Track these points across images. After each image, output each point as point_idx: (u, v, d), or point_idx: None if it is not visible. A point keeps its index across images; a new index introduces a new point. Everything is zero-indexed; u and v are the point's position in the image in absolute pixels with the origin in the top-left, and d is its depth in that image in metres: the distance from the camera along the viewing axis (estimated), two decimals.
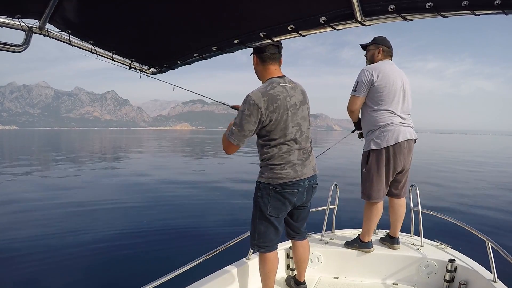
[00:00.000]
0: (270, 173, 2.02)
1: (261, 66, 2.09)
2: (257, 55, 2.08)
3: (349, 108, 2.73)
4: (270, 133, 1.99)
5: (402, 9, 0.93)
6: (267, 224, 2.11)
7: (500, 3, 0.79)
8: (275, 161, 2.01)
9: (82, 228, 6.56)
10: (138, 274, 4.46)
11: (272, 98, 1.95)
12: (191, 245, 5.65)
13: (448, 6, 0.88)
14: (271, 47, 2.04)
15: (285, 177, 2.02)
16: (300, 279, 2.52)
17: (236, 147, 2.03)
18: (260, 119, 1.95)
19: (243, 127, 1.94)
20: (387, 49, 2.73)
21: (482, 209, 8.60)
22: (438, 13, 0.89)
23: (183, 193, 10.41)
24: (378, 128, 2.59)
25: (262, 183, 2.06)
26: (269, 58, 2.06)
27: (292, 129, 2.03)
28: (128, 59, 1.64)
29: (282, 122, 1.99)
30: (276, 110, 1.96)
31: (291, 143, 2.03)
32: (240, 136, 1.97)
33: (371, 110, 2.63)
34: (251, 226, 2.19)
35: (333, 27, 1.11)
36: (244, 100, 1.96)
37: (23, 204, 8.77)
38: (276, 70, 2.10)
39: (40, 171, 16.14)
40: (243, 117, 1.94)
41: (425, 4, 0.88)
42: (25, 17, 1.23)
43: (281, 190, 2.03)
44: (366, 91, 2.61)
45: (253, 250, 2.32)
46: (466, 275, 2.42)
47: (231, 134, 1.98)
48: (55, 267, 4.71)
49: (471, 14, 0.86)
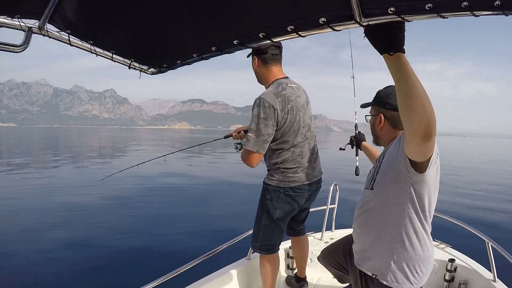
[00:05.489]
0: (282, 176, 1.98)
1: (264, 67, 2.02)
2: (259, 57, 2.00)
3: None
4: (284, 135, 1.93)
5: (402, 10, 0.92)
6: (273, 226, 2.06)
7: (500, 4, 0.79)
8: (288, 164, 1.97)
9: (82, 228, 6.56)
10: (138, 274, 4.46)
11: (286, 99, 1.90)
12: (191, 245, 5.65)
13: (448, 7, 0.87)
14: (272, 48, 1.98)
15: (297, 181, 1.98)
16: (302, 275, 2.52)
17: (258, 156, 1.87)
18: (277, 121, 1.87)
19: (261, 131, 1.83)
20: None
21: (482, 209, 8.64)
22: (438, 14, 0.89)
23: (182, 193, 10.42)
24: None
25: (272, 185, 2.01)
26: (271, 59, 2.00)
27: (303, 130, 2.00)
28: (127, 59, 1.64)
29: (295, 123, 1.95)
30: (290, 111, 1.91)
31: (303, 144, 2.00)
32: (260, 142, 1.84)
33: None
34: (255, 228, 2.14)
35: (333, 28, 1.11)
36: (257, 104, 1.86)
37: (19, 202, 8.75)
38: (279, 72, 2.05)
39: (36, 169, 16.11)
40: (260, 121, 1.83)
41: (425, 6, 0.87)
42: (24, 17, 1.23)
43: (291, 193, 2.00)
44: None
45: (254, 251, 2.31)
46: (466, 274, 2.42)
47: (247, 142, 1.85)
48: (55, 268, 4.71)
49: (470, 15, 0.86)
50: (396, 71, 1.00)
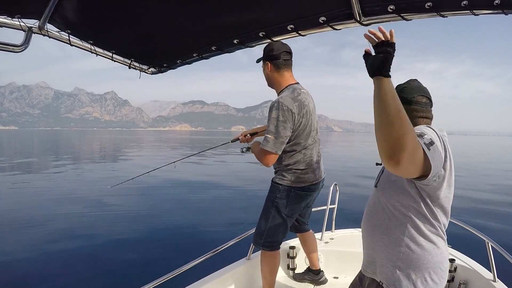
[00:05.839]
0: (294, 177, 2.09)
1: (277, 73, 2.11)
2: (272, 62, 2.09)
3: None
4: (297, 138, 2.04)
5: (402, 9, 0.93)
6: (280, 223, 2.16)
7: (499, 3, 0.79)
8: (300, 165, 2.09)
9: (82, 229, 6.57)
10: (138, 274, 4.47)
11: (301, 104, 2.02)
12: (191, 245, 5.66)
13: (448, 6, 0.87)
14: (285, 54, 2.07)
15: (307, 181, 2.11)
16: (316, 267, 2.61)
17: (275, 156, 2.01)
18: (294, 124, 1.98)
19: (280, 133, 1.95)
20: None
21: (482, 209, 8.62)
22: (438, 13, 0.89)
23: (182, 194, 10.41)
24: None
25: (283, 185, 2.11)
26: (284, 65, 2.09)
27: (313, 133, 2.14)
28: (127, 59, 1.64)
29: (308, 127, 2.08)
30: (305, 115, 2.04)
31: (312, 146, 2.13)
32: (278, 144, 1.96)
33: None
34: (261, 225, 2.22)
35: (333, 27, 1.11)
36: (276, 107, 1.96)
37: (28, 207, 8.77)
38: (291, 77, 2.15)
39: (41, 174, 16.13)
40: (279, 124, 1.94)
41: (425, 4, 0.87)
42: (24, 17, 1.23)
43: (302, 192, 2.13)
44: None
45: (256, 247, 2.34)
46: (466, 274, 2.42)
47: (266, 143, 1.96)
48: (55, 268, 4.72)
49: (470, 14, 0.86)
50: (375, 90, 1.03)
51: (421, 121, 1.39)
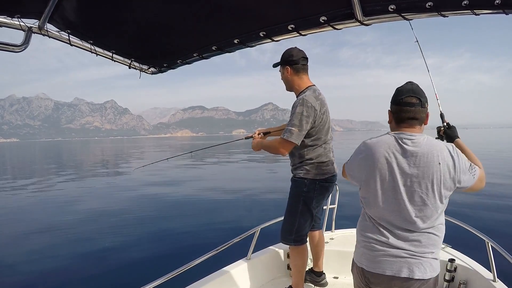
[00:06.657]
0: (317, 170, 2.27)
1: (296, 76, 2.32)
2: (291, 67, 2.30)
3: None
4: (318, 133, 2.24)
5: (402, 9, 0.94)
6: (308, 216, 2.33)
7: (500, 3, 0.80)
8: (321, 158, 2.28)
9: (83, 230, 6.58)
10: (138, 274, 4.48)
11: (322, 103, 2.24)
12: (191, 245, 5.67)
13: (448, 5, 0.88)
14: (302, 59, 2.30)
15: (329, 172, 2.32)
16: (320, 269, 2.64)
17: (292, 146, 2.19)
18: (314, 120, 2.18)
19: (303, 127, 2.14)
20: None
21: (482, 209, 8.57)
22: (438, 13, 0.90)
23: (182, 195, 10.42)
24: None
25: (308, 179, 2.27)
26: (302, 69, 2.32)
27: (329, 130, 2.35)
28: (128, 58, 1.65)
29: (327, 124, 2.30)
30: (325, 113, 2.26)
31: (329, 141, 2.35)
32: (300, 136, 2.16)
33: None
34: (289, 221, 2.34)
35: (333, 27, 1.12)
36: (300, 103, 2.15)
37: (27, 215, 8.79)
38: (309, 80, 2.36)
39: (41, 182, 16.15)
40: (303, 118, 2.13)
41: (425, 4, 0.88)
42: (24, 17, 1.23)
43: (325, 184, 2.32)
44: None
45: (288, 245, 2.41)
46: (466, 274, 2.41)
47: (290, 135, 2.14)
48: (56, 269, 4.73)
49: (471, 13, 0.87)
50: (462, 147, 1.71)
51: (408, 123, 1.46)
